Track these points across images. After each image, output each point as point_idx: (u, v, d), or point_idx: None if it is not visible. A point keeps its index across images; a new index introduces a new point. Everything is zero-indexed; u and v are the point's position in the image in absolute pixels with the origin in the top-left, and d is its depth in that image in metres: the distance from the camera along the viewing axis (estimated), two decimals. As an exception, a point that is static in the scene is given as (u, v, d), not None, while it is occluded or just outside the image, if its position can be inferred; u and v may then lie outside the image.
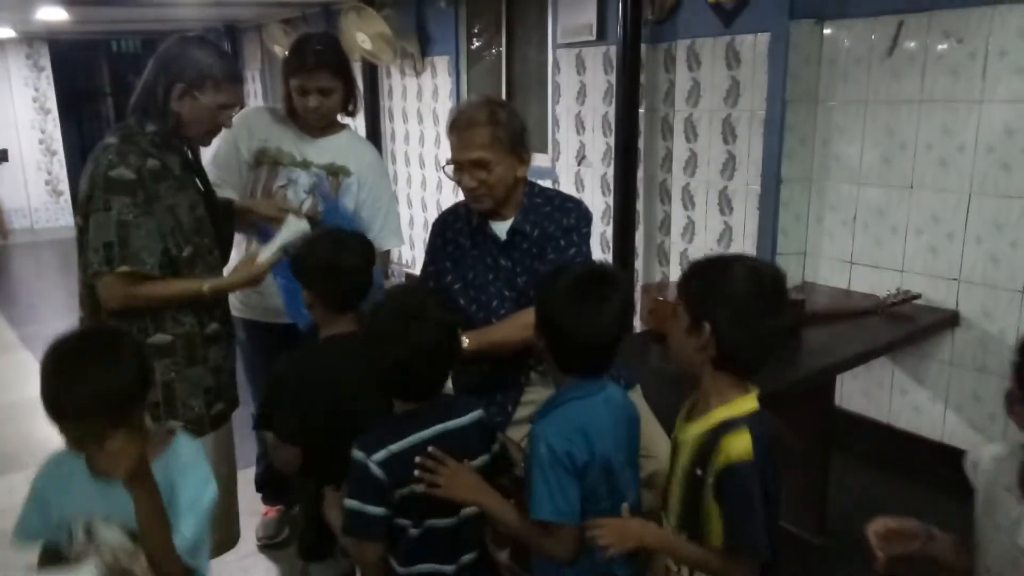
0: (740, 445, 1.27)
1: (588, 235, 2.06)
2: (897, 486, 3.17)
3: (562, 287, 1.44)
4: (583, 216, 2.05)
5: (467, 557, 1.52)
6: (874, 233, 3.31)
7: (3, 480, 3.28)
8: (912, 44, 3.09)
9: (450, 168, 1.97)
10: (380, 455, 1.40)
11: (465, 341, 1.81)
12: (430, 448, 1.44)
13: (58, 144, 9.52)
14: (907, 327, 2.96)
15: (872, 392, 3.40)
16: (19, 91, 9.25)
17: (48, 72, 9.41)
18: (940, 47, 3.00)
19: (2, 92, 9.13)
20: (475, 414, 1.55)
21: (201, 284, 1.91)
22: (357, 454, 1.42)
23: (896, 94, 3.16)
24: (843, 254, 3.45)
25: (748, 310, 1.30)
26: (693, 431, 1.39)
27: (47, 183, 9.43)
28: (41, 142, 9.47)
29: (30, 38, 9.06)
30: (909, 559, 1.40)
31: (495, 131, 1.91)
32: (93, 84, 11.10)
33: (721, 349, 1.32)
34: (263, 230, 2.25)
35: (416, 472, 1.42)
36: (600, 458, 1.42)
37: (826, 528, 2.78)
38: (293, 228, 2.02)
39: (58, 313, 5.67)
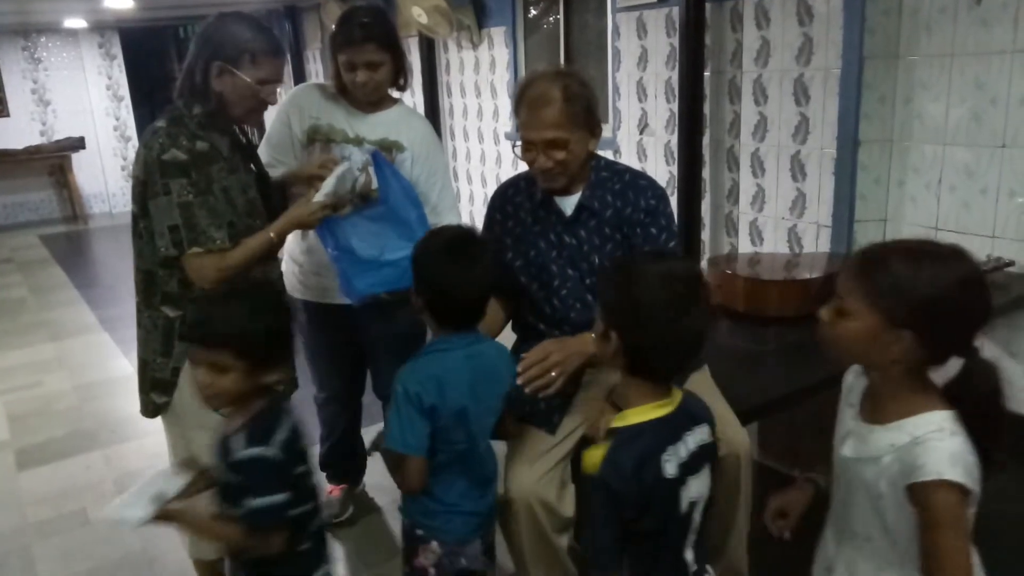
0: (591, 459, 1.27)
1: (672, 215, 1.97)
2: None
3: (437, 250, 1.61)
4: (661, 195, 1.95)
5: None
6: (962, 196, 3.09)
7: (81, 458, 3.40)
8: (1004, -11, 2.84)
9: (519, 147, 1.88)
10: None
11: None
12: None
13: (132, 130, 9.83)
14: (999, 296, 2.75)
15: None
16: (93, 80, 9.57)
17: (120, 60, 9.71)
18: (1037, -9, 2.75)
19: (77, 81, 9.46)
20: None
21: (267, 233, 1.89)
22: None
23: (986, 45, 2.92)
24: (928, 220, 3.23)
25: (652, 316, 1.26)
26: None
27: (123, 168, 9.76)
28: (116, 129, 9.80)
29: (101, 27, 9.33)
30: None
31: (570, 107, 1.80)
32: (163, 70, 11.38)
33: (630, 357, 1.30)
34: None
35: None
36: (452, 404, 1.57)
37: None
38: (340, 169, 1.99)
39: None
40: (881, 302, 1.17)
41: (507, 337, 2.13)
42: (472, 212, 6.24)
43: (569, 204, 1.93)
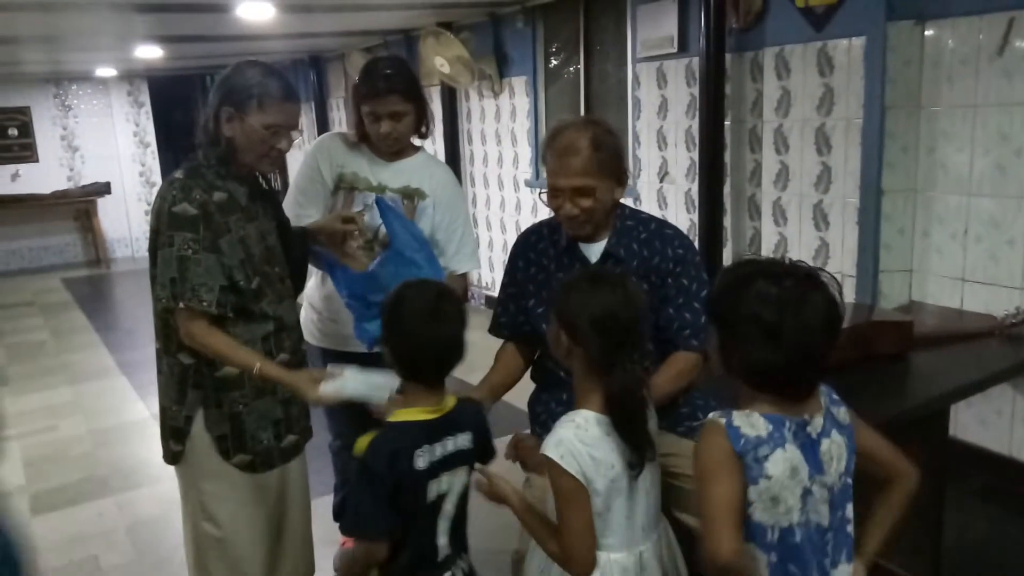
0: (361, 443, 1.53)
1: (700, 263, 1.96)
2: (1020, 524, 2.87)
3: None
4: (688, 245, 1.95)
5: None
6: (988, 247, 3.05)
7: (94, 505, 3.36)
8: (1026, 41, 2.84)
9: (546, 193, 1.88)
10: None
11: None
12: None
13: (157, 176, 10.02)
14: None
15: (990, 421, 3.11)
16: (121, 126, 9.79)
17: (147, 108, 9.95)
18: (1060, 42, 2.75)
19: (106, 128, 9.68)
20: None
21: (256, 361, 1.82)
22: None
23: (1008, 96, 2.91)
24: (954, 271, 3.18)
25: (402, 328, 1.54)
26: None
27: (147, 213, 9.88)
28: (141, 174, 9.99)
29: (131, 76, 9.57)
30: None
31: (598, 155, 1.82)
32: (189, 118, 11.61)
33: (398, 365, 1.58)
34: (327, 260, 2.21)
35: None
36: None
37: (941, 572, 2.53)
38: (380, 383, 1.76)
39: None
40: (558, 313, 1.51)
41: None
42: (491, 258, 6.25)
43: (594, 251, 1.92)
